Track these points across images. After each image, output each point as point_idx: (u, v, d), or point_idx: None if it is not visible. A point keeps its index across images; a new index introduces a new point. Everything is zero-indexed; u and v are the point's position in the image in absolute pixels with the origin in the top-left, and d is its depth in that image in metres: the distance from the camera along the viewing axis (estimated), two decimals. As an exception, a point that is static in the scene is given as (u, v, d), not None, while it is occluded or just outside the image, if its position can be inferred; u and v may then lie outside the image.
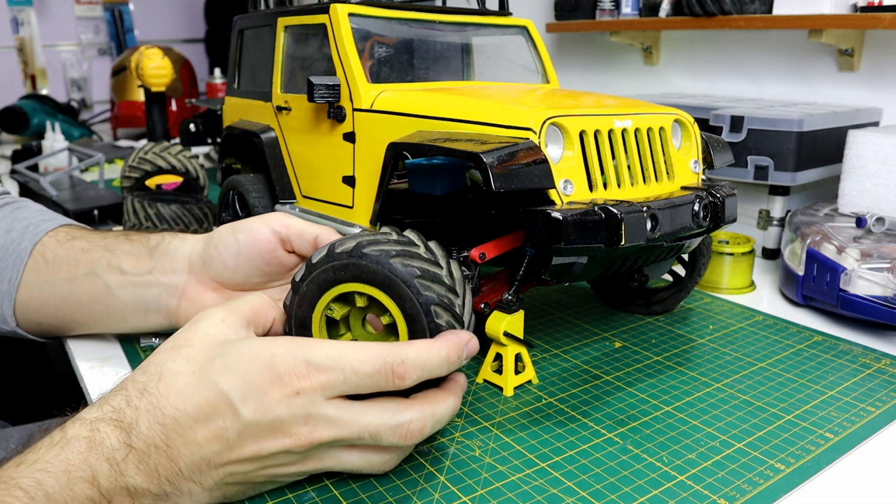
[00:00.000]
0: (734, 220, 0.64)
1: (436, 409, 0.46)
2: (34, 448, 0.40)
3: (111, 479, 0.40)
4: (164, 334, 0.68)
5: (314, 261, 0.50)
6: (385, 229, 0.51)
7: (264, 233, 0.59)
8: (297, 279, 0.51)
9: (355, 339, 0.52)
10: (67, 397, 0.55)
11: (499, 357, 0.62)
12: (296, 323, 0.51)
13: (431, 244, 0.51)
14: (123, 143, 1.93)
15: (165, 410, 0.42)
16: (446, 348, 0.45)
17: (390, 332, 0.51)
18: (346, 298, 0.51)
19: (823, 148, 0.94)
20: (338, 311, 0.51)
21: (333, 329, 0.52)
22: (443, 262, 0.50)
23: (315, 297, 0.50)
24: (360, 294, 0.49)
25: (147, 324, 0.64)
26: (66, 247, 0.66)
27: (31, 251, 0.66)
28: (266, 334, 0.52)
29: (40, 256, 0.66)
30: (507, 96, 0.66)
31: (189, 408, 0.42)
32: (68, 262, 0.65)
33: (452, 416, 0.47)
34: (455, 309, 0.48)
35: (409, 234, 0.51)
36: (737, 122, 0.93)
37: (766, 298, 0.86)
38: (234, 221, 0.61)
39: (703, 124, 0.95)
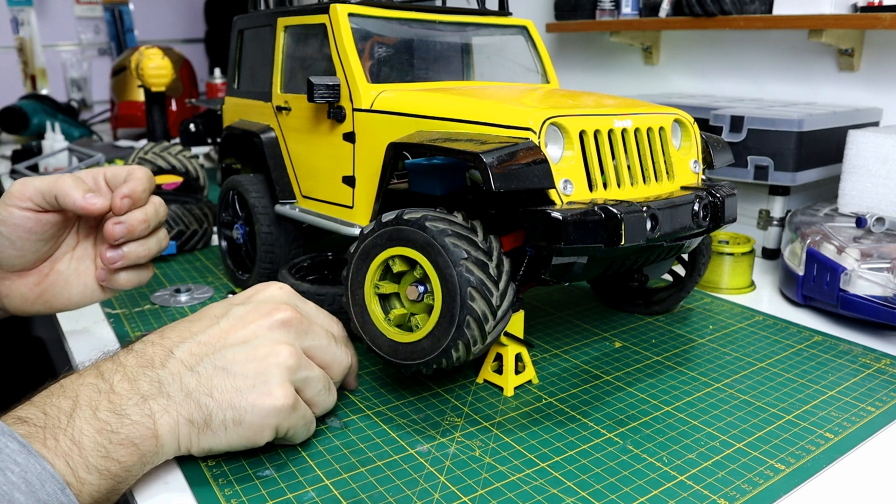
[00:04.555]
0: (734, 220, 0.64)
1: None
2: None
3: (112, 370, 0.47)
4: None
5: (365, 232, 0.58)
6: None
7: (18, 215, 0.59)
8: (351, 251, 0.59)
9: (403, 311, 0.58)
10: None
11: (499, 357, 0.62)
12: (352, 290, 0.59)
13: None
14: (123, 143, 1.93)
15: (164, 329, 0.52)
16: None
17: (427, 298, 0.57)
18: (391, 272, 0.57)
19: (823, 148, 0.94)
20: (385, 288, 0.57)
21: (384, 302, 0.59)
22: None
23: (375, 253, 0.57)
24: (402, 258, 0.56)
25: None
26: None
27: None
28: None
29: None
30: (507, 96, 0.66)
31: (189, 317, 0.53)
32: None
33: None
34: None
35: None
36: (737, 122, 0.93)
37: (766, 298, 0.86)
38: None
39: (703, 124, 0.95)
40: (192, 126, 1.14)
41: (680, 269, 0.78)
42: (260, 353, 0.49)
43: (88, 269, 0.64)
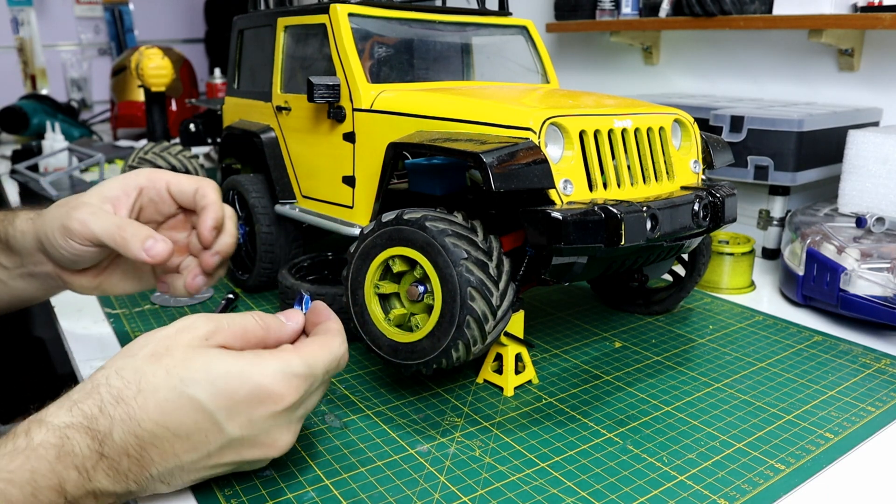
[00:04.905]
0: (734, 220, 0.64)
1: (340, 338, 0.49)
2: (2, 460, 0.39)
3: (79, 486, 0.40)
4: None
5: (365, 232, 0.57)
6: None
7: (78, 248, 0.57)
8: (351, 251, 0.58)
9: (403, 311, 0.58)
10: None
11: (499, 357, 0.62)
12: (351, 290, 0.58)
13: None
14: (123, 143, 1.93)
15: (143, 424, 0.41)
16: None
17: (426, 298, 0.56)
18: (391, 273, 0.57)
19: (823, 148, 0.94)
20: (385, 288, 0.57)
21: (384, 302, 0.59)
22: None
23: (375, 253, 0.57)
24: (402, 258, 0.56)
25: (57, 293, 0.66)
26: None
27: None
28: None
29: None
30: (507, 96, 0.66)
31: (170, 423, 0.42)
32: None
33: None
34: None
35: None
36: (737, 122, 0.93)
37: (766, 298, 0.86)
38: (62, 219, 0.57)
39: (703, 124, 0.95)
40: (192, 126, 1.14)
41: (680, 269, 0.78)
42: (255, 454, 0.46)
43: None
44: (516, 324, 0.61)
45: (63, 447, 0.40)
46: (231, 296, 0.80)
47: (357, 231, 0.69)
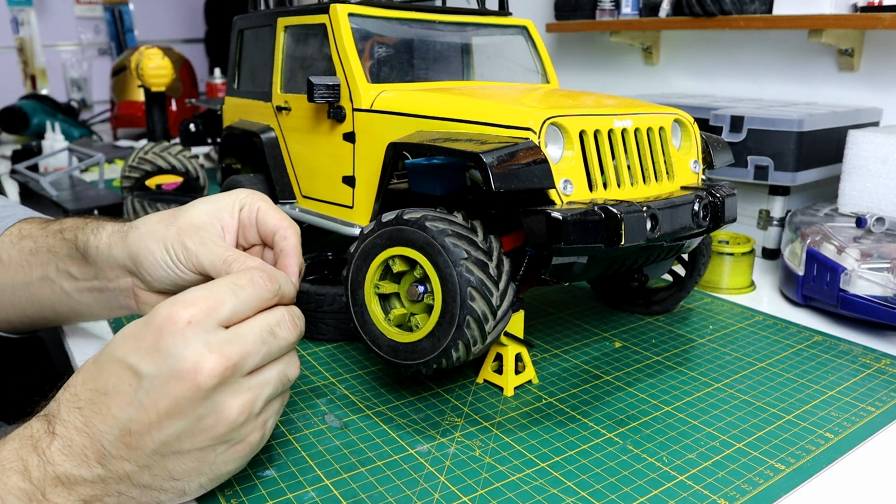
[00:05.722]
0: (734, 220, 0.64)
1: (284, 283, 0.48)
2: None
3: (40, 469, 0.40)
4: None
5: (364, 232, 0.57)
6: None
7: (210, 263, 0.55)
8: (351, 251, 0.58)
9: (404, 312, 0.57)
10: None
11: (499, 357, 0.62)
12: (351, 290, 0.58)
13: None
14: (123, 143, 1.93)
15: (80, 394, 0.43)
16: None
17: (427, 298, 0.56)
18: (391, 273, 0.57)
19: (823, 148, 0.94)
20: (385, 288, 0.57)
21: (384, 302, 0.58)
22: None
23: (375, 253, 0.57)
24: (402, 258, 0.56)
25: (118, 315, 0.64)
26: (18, 248, 0.65)
27: None
28: None
29: None
30: (507, 96, 0.66)
31: (98, 385, 0.42)
32: (20, 264, 0.64)
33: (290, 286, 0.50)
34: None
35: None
36: (737, 122, 0.93)
37: (766, 298, 0.86)
38: (168, 240, 0.55)
39: (703, 124, 0.95)
40: (192, 126, 1.14)
41: (680, 269, 0.78)
42: (206, 425, 0.42)
43: None
44: (516, 324, 0.61)
45: (23, 434, 0.42)
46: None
47: (357, 231, 0.69)
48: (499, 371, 0.62)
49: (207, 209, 0.57)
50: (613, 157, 0.59)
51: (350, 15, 0.71)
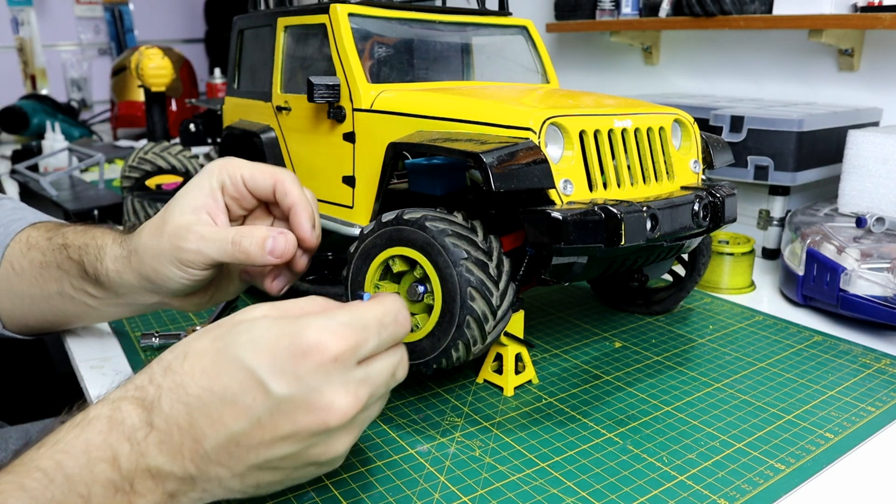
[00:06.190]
0: (734, 220, 0.64)
1: (394, 297, 0.46)
2: (56, 430, 0.39)
3: (132, 460, 0.38)
4: (164, 334, 0.68)
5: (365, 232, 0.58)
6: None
7: (195, 274, 0.55)
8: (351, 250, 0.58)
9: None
10: (67, 397, 0.54)
11: (499, 357, 0.62)
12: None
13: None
14: (123, 143, 1.93)
15: (189, 389, 0.39)
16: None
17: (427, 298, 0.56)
18: (392, 273, 0.57)
19: (823, 148, 0.94)
20: (385, 288, 0.57)
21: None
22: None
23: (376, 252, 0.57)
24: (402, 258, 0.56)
25: (149, 310, 0.64)
26: (28, 259, 0.64)
27: (0, 260, 0.65)
28: None
29: (9, 266, 0.65)
30: (507, 96, 0.66)
31: (215, 387, 0.39)
32: (33, 276, 0.64)
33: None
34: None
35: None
36: (737, 122, 0.93)
37: (766, 298, 0.86)
38: (170, 253, 0.54)
39: (703, 124, 0.95)
40: (192, 126, 1.14)
41: (680, 269, 0.78)
42: (312, 455, 0.41)
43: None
44: (516, 324, 0.61)
45: (113, 417, 0.39)
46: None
47: (357, 231, 0.69)
48: (499, 371, 0.62)
49: (188, 204, 0.55)
50: (613, 157, 0.59)
51: (350, 15, 0.71)
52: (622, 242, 0.52)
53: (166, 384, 0.40)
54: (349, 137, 0.70)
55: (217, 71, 1.92)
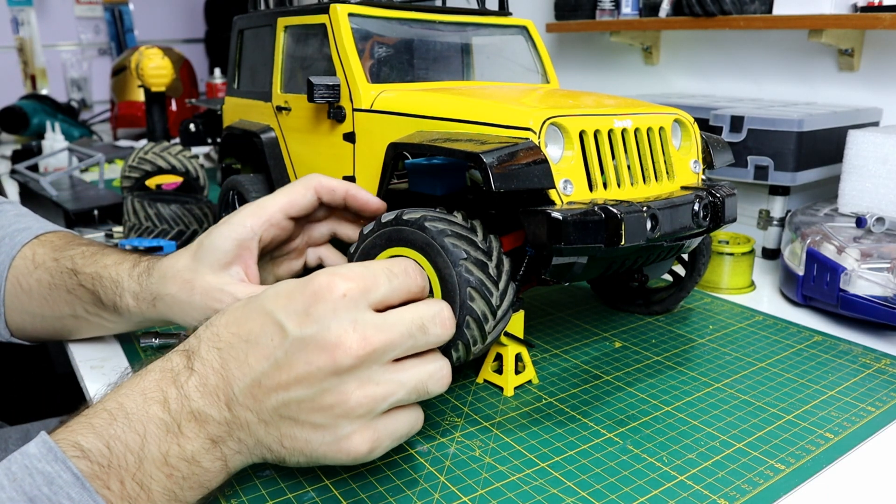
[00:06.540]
0: (734, 220, 0.64)
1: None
2: (123, 383, 0.44)
3: (178, 402, 0.42)
4: (163, 334, 0.68)
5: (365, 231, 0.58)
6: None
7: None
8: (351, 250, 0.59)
9: None
10: (67, 397, 0.54)
11: (499, 357, 0.62)
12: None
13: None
14: (123, 143, 1.93)
15: (222, 336, 0.44)
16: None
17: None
18: None
19: (823, 148, 0.94)
20: None
21: None
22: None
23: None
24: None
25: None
26: (35, 278, 0.64)
27: (6, 272, 0.65)
28: None
29: (17, 283, 0.65)
30: (507, 96, 0.66)
31: (241, 331, 0.44)
32: (43, 297, 0.64)
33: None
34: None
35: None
36: (737, 122, 0.93)
37: (766, 298, 0.86)
38: (202, 311, 0.56)
39: (703, 124, 0.95)
40: (192, 126, 1.14)
41: (680, 269, 0.78)
42: (326, 403, 0.42)
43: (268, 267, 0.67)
44: (516, 324, 0.61)
45: (164, 366, 0.44)
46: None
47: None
48: (499, 371, 0.62)
49: (217, 260, 0.58)
50: (613, 157, 0.59)
51: (350, 15, 0.71)
52: (622, 242, 0.52)
53: (205, 335, 0.45)
54: (349, 137, 0.70)
55: (217, 71, 1.92)
